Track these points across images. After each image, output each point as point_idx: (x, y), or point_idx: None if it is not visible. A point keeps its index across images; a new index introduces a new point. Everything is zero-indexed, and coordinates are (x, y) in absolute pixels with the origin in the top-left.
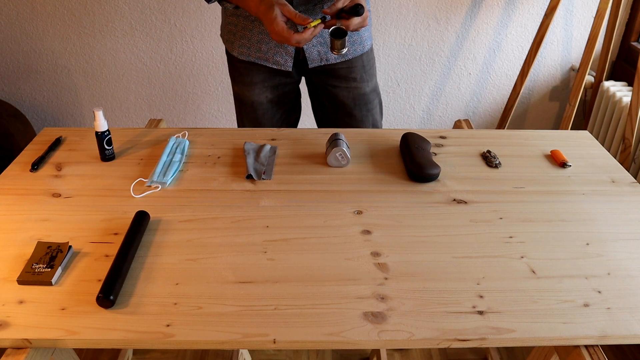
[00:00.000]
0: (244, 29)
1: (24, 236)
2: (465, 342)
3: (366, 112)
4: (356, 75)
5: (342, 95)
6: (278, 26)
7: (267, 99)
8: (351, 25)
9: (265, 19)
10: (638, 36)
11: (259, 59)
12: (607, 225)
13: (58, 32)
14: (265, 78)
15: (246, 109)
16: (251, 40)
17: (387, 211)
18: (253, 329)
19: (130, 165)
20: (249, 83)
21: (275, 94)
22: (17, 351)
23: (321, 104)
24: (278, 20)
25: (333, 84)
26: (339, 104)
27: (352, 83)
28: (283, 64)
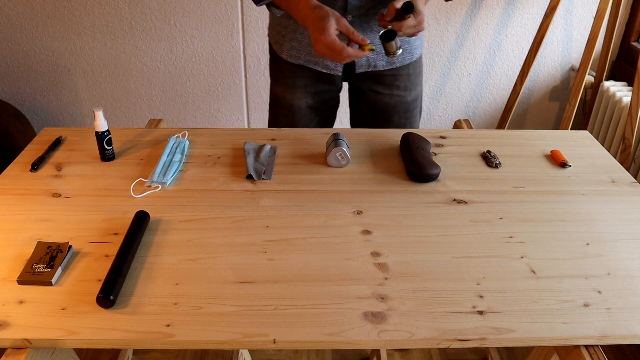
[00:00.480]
0: (294, 32)
1: (24, 236)
2: (465, 342)
3: (404, 120)
4: (400, 84)
5: (383, 102)
6: (329, 37)
7: (306, 104)
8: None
9: (315, 27)
10: (638, 36)
11: (308, 62)
12: (607, 225)
13: (58, 32)
14: (309, 83)
15: (284, 111)
16: (302, 42)
17: (387, 211)
18: (253, 329)
19: (130, 165)
20: (291, 85)
21: (316, 100)
22: (17, 351)
23: (360, 110)
24: (331, 31)
25: (376, 89)
26: (379, 110)
27: (395, 91)
28: (333, 68)
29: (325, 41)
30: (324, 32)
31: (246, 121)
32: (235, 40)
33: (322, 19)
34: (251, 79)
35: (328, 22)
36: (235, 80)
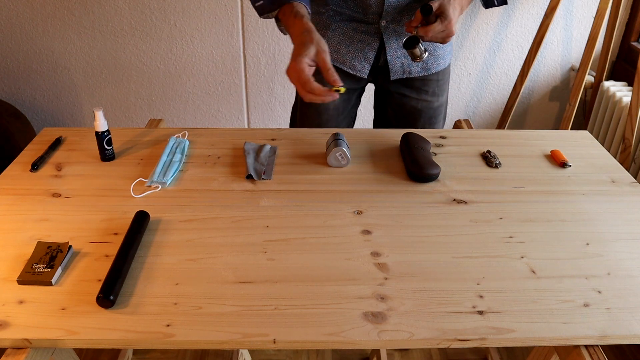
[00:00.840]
0: (325, 28)
1: (24, 236)
2: (465, 342)
3: (429, 125)
4: (429, 89)
5: (410, 105)
6: (299, 65)
7: (333, 104)
8: (430, 31)
9: (295, 51)
10: (638, 36)
11: (335, 60)
12: (607, 225)
13: (58, 32)
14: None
15: (311, 113)
16: (331, 41)
17: (387, 211)
18: (253, 329)
19: (130, 165)
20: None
21: (342, 98)
22: (17, 351)
23: (385, 112)
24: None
25: (404, 93)
26: (405, 113)
27: (423, 96)
28: (360, 69)
29: (295, 67)
30: (296, 59)
31: (246, 121)
32: (235, 40)
33: (302, 45)
34: (251, 79)
35: (306, 49)
36: (235, 80)
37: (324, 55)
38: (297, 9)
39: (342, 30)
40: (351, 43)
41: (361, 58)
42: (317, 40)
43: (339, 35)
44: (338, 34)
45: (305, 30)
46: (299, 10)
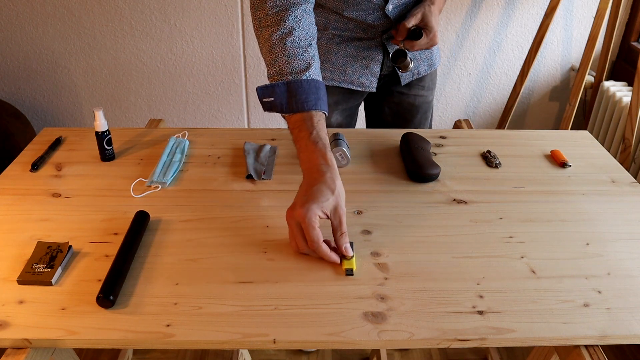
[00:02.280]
0: (327, 52)
1: (24, 236)
2: (465, 342)
3: (424, 120)
4: (424, 84)
5: (407, 102)
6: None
7: (336, 122)
8: (416, 46)
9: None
10: (638, 36)
11: (343, 82)
12: (607, 225)
13: (58, 32)
14: (340, 100)
15: None
16: (336, 64)
17: (387, 211)
18: (253, 329)
19: (130, 165)
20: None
21: (344, 116)
22: (17, 351)
23: (379, 110)
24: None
25: (402, 90)
26: (402, 110)
27: (420, 91)
28: (368, 85)
29: (302, 217)
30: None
31: (246, 121)
32: (235, 40)
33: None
34: (251, 79)
35: (324, 199)
36: (235, 80)
37: (342, 215)
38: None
39: (345, 52)
40: (356, 62)
41: (368, 74)
42: (338, 192)
43: (343, 57)
44: (342, 56)
45: (327, 172)
46: (320, 132)
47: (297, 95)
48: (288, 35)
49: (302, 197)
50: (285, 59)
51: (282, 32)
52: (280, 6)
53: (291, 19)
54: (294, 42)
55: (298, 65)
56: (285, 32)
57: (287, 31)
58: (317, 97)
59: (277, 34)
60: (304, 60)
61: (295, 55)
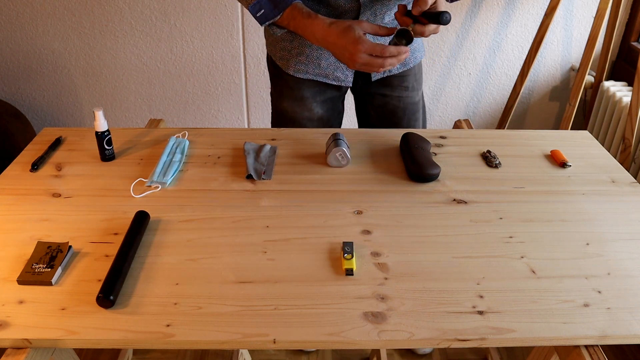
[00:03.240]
0: (301, 46)
1: (24, 236)
2: (465, 342)
3: (414, 121)
4: (408, 84)
5: (392, 104)
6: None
7: (317, 115)
8: (427, 31)
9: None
10: (638, 36)
11: (317, 75)
12: (607, 225)
13: (58, 32)
14: (317, 91)
15: (294, 126)
16: (310, 56)
17: (387, 211)
18: (253, 329)
19: (130, 165)
20: (299, 97)
21: (325, 108)
22: (17, 351)
23: (367, 114)
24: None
25: (384, 92)
26: (387, 113)
27: (403, 92)
28: (344, 79)
29: (364, 49)
30: (357, 42)
31: (246, 121)
32: (235, 40)
33: (346, 30)
34: (251, 79)
35: (354, 31)
36: (235, 80)
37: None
38: (305, 8)
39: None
40: (330, 55)
41: (343, 68)
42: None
43: (317, 50)
44: (315, 48)
45: (332, 23)
46: (308, 10)
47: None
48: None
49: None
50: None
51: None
52: None
53: None
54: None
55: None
56: None
57: None
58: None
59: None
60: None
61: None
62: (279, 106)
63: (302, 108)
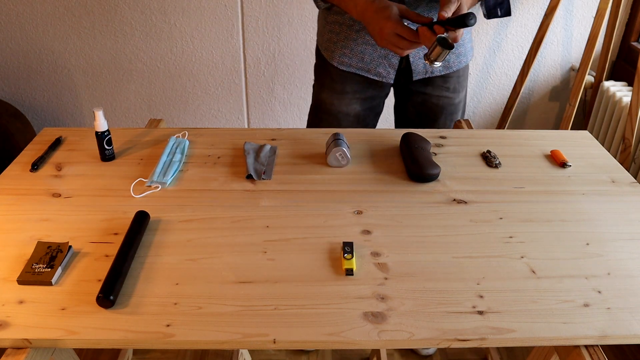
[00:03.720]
0: (346, 39)
1: (24, 236)
2: (465, 342)
3: (450, 122)
4: (450, 86)
5: (431, 103)
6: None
7: (354, 111)
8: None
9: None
10: (638, 36)
11: (360, 69)
12: (607, 225)
13: (58, 32)
14: (359, 89)
15: (330, 119)
16: (354, 50)
17: (387, 211)
18: (253, 329)
19: (130, 165)
20: (340, 91)
21: (364, 107)
22: (17, 351)
23: (406, 110)
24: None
25: (425, 91)
26: (426, 111)
27: (444, 92)
28: (385, 75)
29: (394, 28)
30: (389, 19)
31: (246, 121)
32: (235, 40)
33: (384, 9)
34: (251, 79)
35: (391, 10)
36: (235, 80)
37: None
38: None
39: (363, 40)
40: (374, 50)
41: (385, 64)
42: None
43: (362, 45)
44: (360, 43)
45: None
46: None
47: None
48: None
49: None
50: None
51: None
52: None
53: None
54: None
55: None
56: None
57: None
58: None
59: None
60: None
61: None
62: (318, 97)
63: (341, 102)
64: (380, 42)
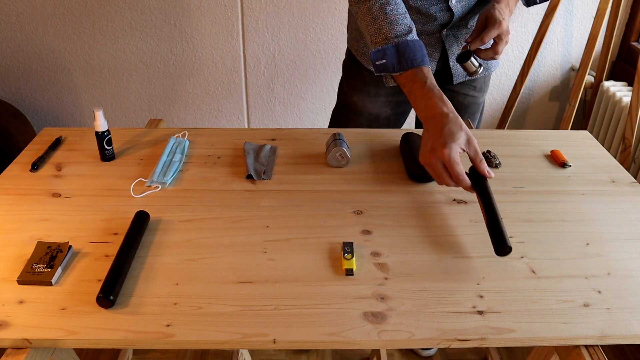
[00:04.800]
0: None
1: (24, 236)
2: (465, 342)
3: (472, 120)
4: (476, 85)
5: (457, 100)
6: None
7: (385, 114)
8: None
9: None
10: (638, 36)
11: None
12: (607, 225)
13: (58, 32)
14: (392, 92)
15: (360, 120)
16: None
17: (387, 211)
18: (253, 329)
19: (130, 165)
20: (374, 94)
21: (395, 110)
22: (17, 351)
23: None
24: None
25: (452, 89)
26: None
27: (470, 91)
28: None
29: (447, 156)
30: (447, 149)
31: (246, 121)
32: (235, 40)
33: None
34: (251, 79)
35: (457, 136)
36: (235, 80)
37: (476, 145)
38: (429, 78)
39: None
40: None
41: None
42: (465, 127)
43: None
44: None
45: (450, 113)
46: (432, 81)
47: (405, 54)
48: (387, 5)
49: (439, 139)
50: (389, 25)
51: (381, 3)
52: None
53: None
54: (393, 10)
55: (401, 29)
56: (384, 3)
57: (385, 1)
58: (422, 55)
59: (376, 5)
60: (405, 25)
61: (397, 21)
62: (349, 99)
63: (374, 104)
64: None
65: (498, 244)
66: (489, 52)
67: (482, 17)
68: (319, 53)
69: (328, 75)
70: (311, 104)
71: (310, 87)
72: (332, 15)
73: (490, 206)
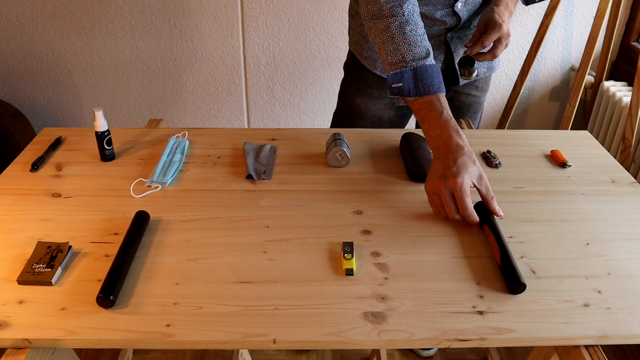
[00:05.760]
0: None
1: (24, 236)
2: (465, 342)
3: (473, 120)
4: (478, 85)
5: (459, 99)
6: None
7: (388, 116)
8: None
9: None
10: (638, 36)
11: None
12: (607, 225)
13: (58, 32)
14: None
15: (363, 123)
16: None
17: (387, 211)
18: (253, 329)
19: (130, 165)
20: (377, 97)
21: (399, 112)
22: (17, 351)
23: None
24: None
25: (455, 88)
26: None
27: (472, 91)
28: None
29: (458, 186)
30: (458, 181)
31: (246, 121)
32: (235, 40)
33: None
34: (251, 79)
35: (470, 169)
36: (235, 80)
37: (487, 182)
38: (446, 108)
39: None
40: None
41: None
42: (478, 163)
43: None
44: None
45: (464, 146)
46: (449, 112)
47: (423, 79)
48: (406, 24)
49: (451, 168)
50: (407, 46)
51: (400, 21)
52: (393, 1)
53: (406, 11)
54: (412, 30)
55: (419, 52)
56: (403, 22)
57: (404, 21)
58: (439, 81)
59: (395, 24)
60: (424, 47)
61: (416, 43)
62: (352, 102)
63: (377, 107)
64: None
65: (512, 282)
66: (487, 55)
67: (482, 21)
68: (319, 53)
69: (328, 75)
70: (311, 104)
71: (310, 87)
72: (332, 15)
73: (502, 243)
